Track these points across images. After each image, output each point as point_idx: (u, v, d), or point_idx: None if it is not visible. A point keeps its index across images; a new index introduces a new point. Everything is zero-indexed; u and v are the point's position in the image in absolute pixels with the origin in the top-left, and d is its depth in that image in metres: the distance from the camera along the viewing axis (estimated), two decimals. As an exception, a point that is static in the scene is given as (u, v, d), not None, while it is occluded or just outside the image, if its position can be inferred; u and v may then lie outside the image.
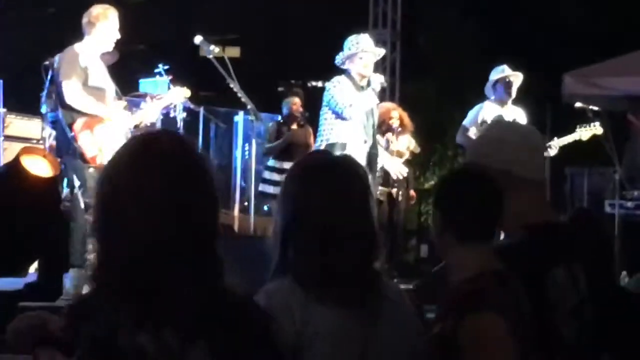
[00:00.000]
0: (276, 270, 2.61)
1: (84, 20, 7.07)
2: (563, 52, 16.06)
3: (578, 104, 9.77)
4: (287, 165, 10.16)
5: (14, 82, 11.48)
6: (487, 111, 9.08)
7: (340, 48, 8.04)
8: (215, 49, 7.14)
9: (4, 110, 10.62)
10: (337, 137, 7.77)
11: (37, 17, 23.00)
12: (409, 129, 10.07)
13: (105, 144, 6.79)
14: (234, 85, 7.15)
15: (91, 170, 6.71)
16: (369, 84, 7.92)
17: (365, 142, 7.93)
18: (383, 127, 9.84)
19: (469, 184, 2.88)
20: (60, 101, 6.90)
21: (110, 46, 7.15)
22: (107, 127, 6.88)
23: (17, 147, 9.62)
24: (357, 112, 7.78)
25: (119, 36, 7.12)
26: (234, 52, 28.95)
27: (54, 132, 8.29)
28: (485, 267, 2.78)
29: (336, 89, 7.79)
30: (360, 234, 2.59)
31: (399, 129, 9.81)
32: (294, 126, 10.61)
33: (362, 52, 7.90)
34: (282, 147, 10.41)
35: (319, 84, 8.05)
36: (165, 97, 7.81)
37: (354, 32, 8.17)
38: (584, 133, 9.37)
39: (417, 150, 10.27)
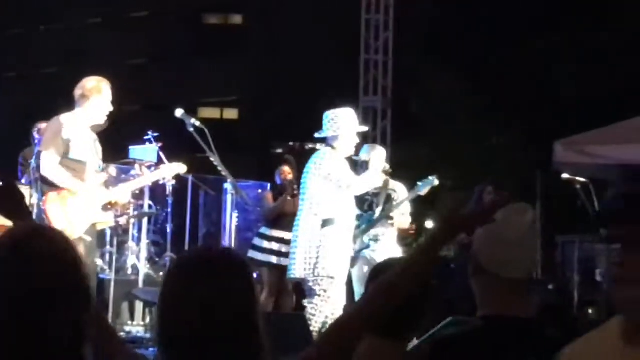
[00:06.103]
0: None
1: (77, 92, 6.85)
2: (556, 117, 16.07)
3: (565, 176, 9.70)
4: (277, 233, 10.06)
5: (2, 148, 11.43)
6: None
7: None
8: (195, 122, 7.05)
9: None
10: (335, 212, 7.58)
11: (29, 81, 23.14)
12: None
13: (76, 218, 6.64)
14: (214, 159, 7.04)
15: None
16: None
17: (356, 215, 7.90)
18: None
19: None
20: (38, 170, 6.76)
21: (102, 119, 6.94)
22: (80, 201, 6.70)
23: (4, 215, 9.54)
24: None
25: (112, 109, 6.93)
26: (232, 114, 29.07)
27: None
28: None
29: (333, 163, 7.55)
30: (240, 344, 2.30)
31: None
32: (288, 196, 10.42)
33: (345, 132, 7.73)
34: (275, 213, 10.29)
35: (317, 146, 7.85)
36: (156, 173, 7.69)
37: (346, 98, 8.06)
38: (421, 189, 8.97)
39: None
